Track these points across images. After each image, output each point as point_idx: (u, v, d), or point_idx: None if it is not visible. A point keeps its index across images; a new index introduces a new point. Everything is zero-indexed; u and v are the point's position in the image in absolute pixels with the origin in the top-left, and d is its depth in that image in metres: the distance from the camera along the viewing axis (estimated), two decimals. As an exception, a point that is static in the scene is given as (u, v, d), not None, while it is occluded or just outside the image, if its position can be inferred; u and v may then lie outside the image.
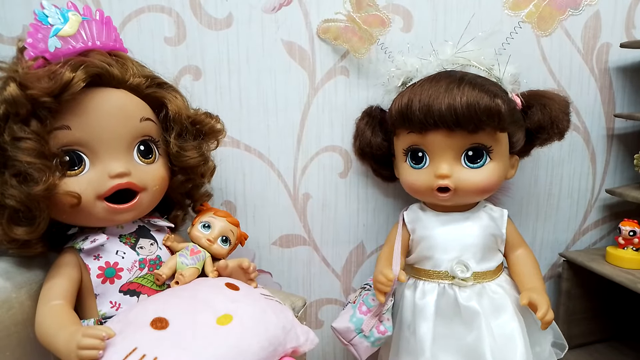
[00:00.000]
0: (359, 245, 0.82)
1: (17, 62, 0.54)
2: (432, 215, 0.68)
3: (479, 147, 0.62)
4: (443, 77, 0.61)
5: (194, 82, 0.74)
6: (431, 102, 0.59)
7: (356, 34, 0.71)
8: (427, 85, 0.61)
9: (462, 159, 0.63)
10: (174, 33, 0.73)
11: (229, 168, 0.77)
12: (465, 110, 0.58)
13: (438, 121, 0.59)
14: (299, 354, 0.57)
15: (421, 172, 0.65)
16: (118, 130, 0.55)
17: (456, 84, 0.59)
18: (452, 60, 0.66)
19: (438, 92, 0.59)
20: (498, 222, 0.68)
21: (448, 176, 0.63)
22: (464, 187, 0.63)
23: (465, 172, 0.63)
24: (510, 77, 0.65)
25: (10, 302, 0.53)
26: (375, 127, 0.71)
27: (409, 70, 0.66)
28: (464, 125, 0.59)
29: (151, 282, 0.58)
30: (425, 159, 0.64)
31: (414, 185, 0.66)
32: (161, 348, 0.47)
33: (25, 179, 0.51)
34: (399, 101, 0.63)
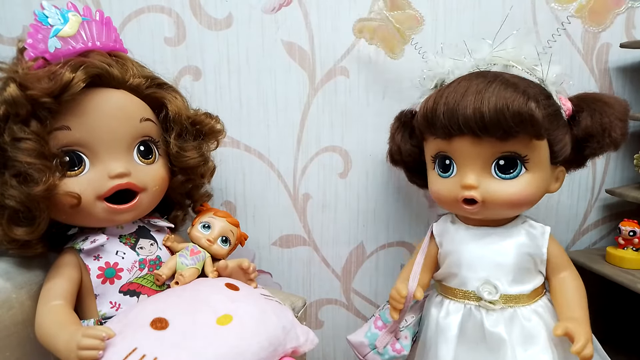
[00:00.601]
0: (359, 246, 0.82)
1: (17, 62, 0.54)
2: (461, 228, 0.62)
3: (512, 156, 0.55)
4: (474, 78, 0.56)
5: (193, 83, 0.74)
6: (456, 105, 0.53)
7: (390, 33, 0.68)
8: (455, 86, 0.55)
9: (492, 169, 0.56)
10: (173, 33, 0.73)
11: (228, 168, 0.77)
12: (492, 114, 0.51)
13: (463, 126, 0.53)
14: (299, 354, 0.57)
15: (448, 181, 0.59)
16: (118, 130, 0.55)
17: (486, 85, 0.53)
18: (489, 60, 0.59)
19: (465, 94, 0.53)
20: (538, 240, 0.60)
21: (474, 187, 0.56)
22: (493, 199, 0.56)
23: (496, 183, 0.56)
24: (555, 78, 0.58)
25: (10, 302, 0.53)
26: (405, 132, 0.66)
27: (441, 72, 0.61)
28: (492, 132, 0.53)
29: (151, 282, 0.58)
30: (453, 167, 0.58)
31: (440, 195, 0.61)
32: (161, 348, 0.47)
33: (25, 180, 0.51)
34: (425, 104, 0.58)
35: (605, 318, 0.84)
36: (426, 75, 0.63)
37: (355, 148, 0.78)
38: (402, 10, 0.67)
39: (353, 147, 0.78)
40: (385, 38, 0.70)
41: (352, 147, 0.78)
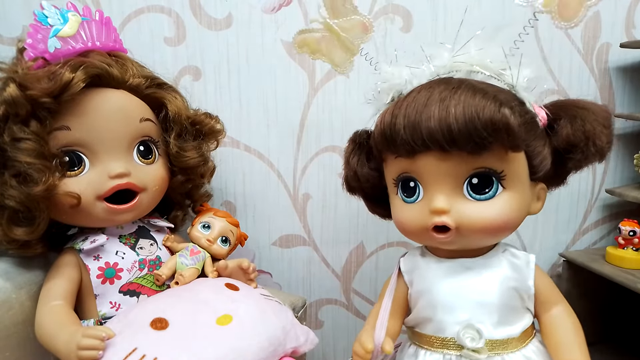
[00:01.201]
0: (359, 246, 0.82)
1: (16, 62, 0.54)
2: (433, 262, 0.53)
3: (486, 173, 0.47)
4: (436, 85, 0.48)
5: (193, 83, 0.74)
6: (418, 117, 0.46)
7: (335, 44, 0.62)
8: (415, 96, 0.48)
9: (464, 189, 0.48)
10: (173, 33, 0.73)
11: (228, 168, 0.77)
12: (461, 124, 0.44)
13: (428, 141, 0.45)
14: (298, 354, 0.57)
15: (414, 207, 0.50)
16: (118, 130, 0.55)
17: (450, 92, 0.46)
18: (450, 66, 0.52)
19: (428, 104, 0.46)
20: (523, 271, 0.51)
21: (445, 211, 0.48)
22: (468, 225, 0.47)
23: (470, 205, 0.48)
24: (527, 83, 0.51)
25: (10, 303, 0.53)
26: (362, 154, 0.56)
27: (397, 83, 0.53)
28: (462, 145, 0.45)
29: (151, 282, 0.58)
30: (419, 190, 0.50)
31: (405, 224, 0.51)
32: (161, 348, 0.47)
33: (25, 180, 0.51)
34: (382, 120, 0.49)
35: (605, 318, 0.84)
36: (380, 88, 0.55)
37: (355, 148, 0.78)
38: (346, 17, 0.60)
39: (353, 147, 0.78)
40: (330, 51, 0.63)
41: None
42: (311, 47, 0.63)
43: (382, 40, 0.73)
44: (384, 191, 0.56)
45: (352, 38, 0.61)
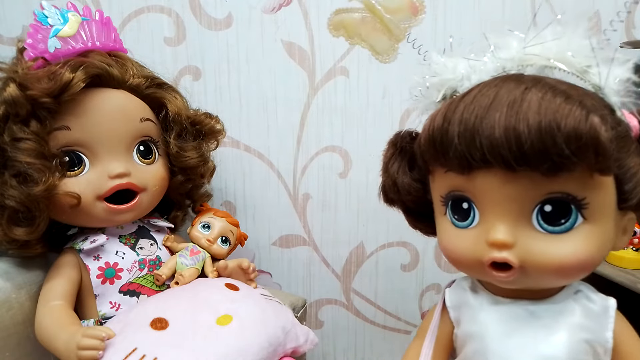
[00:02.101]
0: (359, 246, 0.82)
1: (16, 62, 0.54)
2: (486, 301, 0.43)
3: (563, 199, 0.37)
4: (502, 84, 0.38)
5: (193, 83, 0.74)
6: (479, 123, 0.36)
7: (377, 28, 0.54)
8: (475, 96, 0.37)
9: (534, 218, 0.37)
10: (173, 33, 0.73)
11: (228, 168, 0.77)
12: (535, 136, 0.34)
13: (489, 155, 0.35)
14: (298, 354, 0.57)
15: (466, 233, 0.40)
16: (118, 130, 0.55)
17: (522, 93, 0.35)
18: (520, 59, 0.41)
19: (492, 107, 0.36)
20: (600, 319, 0.42)
21: (508, 245, 0.37)
22: (537, 264, 0.37)
23: (540, 239, 0.37)
24: (618, 85, 0.39)
25: (10, 303, 0.53)
26: (403, 161, 0.47)
27: (450, 78, 0.43)
28: (535, 163, 0.35)
29: (151, 282, 0.58)
30: (474, 214, 0.40)
31: (454, 253, 0.41)
32: (161, 348, 0.47)
33: (25, 180, 0.51)
34: (431, 123, 0.39)
35: (605, 318, 0.84)
36: (430, 83, 0.44)
37: (355, 148, 0.78)
38: None
39: (353, 147, 0.78)
40: (371, 35, 0.55)
41: (352, 147, 0.78)
42: (348, 30, 0.55)
43: (433, 24, 0.62)
44: (429, 205, 0.45)
45: (398, 21, 0.52)
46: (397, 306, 0.84)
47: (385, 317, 0.84)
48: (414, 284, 0.82)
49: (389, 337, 0.85)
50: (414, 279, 0.82)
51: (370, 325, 0.84)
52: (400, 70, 0.63)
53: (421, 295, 0.83)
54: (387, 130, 0.76)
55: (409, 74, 0.54)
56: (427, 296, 0.83)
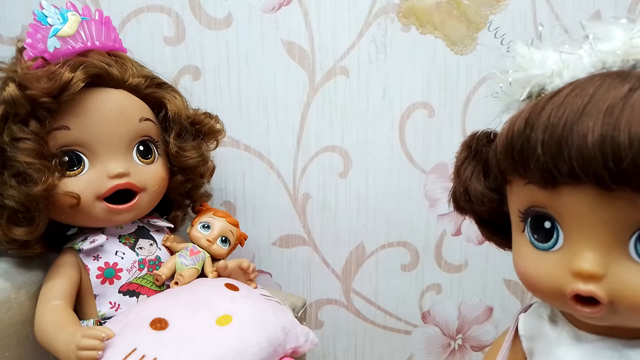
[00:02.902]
0: (359, 246, 0.82)
1: (16, 62, 0.54)
2: (568, 335, 0.37)
3: None
4: (601, 82, 0.31)
5: (193, 82, 0.74)
6: (568, 130, 0.30)
7: (454, 14, 0.49)
8: (567, 97, 0.31)
9: (631, 247, 0.31)
10: (173, 33, 0.73)
11: (228, 168, 0.77)
12: (637, 149, 0.28)
13: (579, 169, 0.30)
14: (298, 354, 0.56)
15: (548, 256, 0.34)
16: (117, 130, 0.55)
17: (625, 96, 0.29)
18: (625, 52, 0.33)
19: (585, 112, 0.30)
20: None
21: (596, 277, 0.31)
22: (630, 302, 0.31)
23: (637, 273, 0.31)
24: None
25: (10, 303, 0.53)
26: (478, 166, 0.41)
27: (537, 74, 0.36)
28: (636, 183, 0.29)
29: (150, 282, 0.58)
30: (557, 235, 0.34)
31: (532, 279, 0.35)
32: (161, 348, 0.47)
33: (24, 180, 0.51)
34: (510, 126, 0.34)
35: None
36: (513, 79, 0.37)
37: (355, 148, 0.78)
38: None
39: (353, 147, 0.78)
40: (446, 23, 0.49)
41: (352, 147, 0.78)
42: (420, 18, 0.49)
43: (521, 10, 0.53)
44: (507, 217, 0.39)
45: (477, 6, 0.46)
46: (397, 306, 0.83)
47: (385, 317, 0.84)
48: (414, 284, 0.82)
49: (389, 338, 0.85)
50: (414, 279, 0.82)
51: (371, 326, 0.84)
52: (478, 63, 0.55)
53: (421, 296, 0.83)
54: (387, 130, 0.76)
55: (483, 68, 0.50)
56: (427, 296, 0.83)
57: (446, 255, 0.81)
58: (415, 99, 0.75)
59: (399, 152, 0.77)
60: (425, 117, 0.76)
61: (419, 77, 0.74)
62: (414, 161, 0.77)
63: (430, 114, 0.75)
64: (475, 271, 0.81)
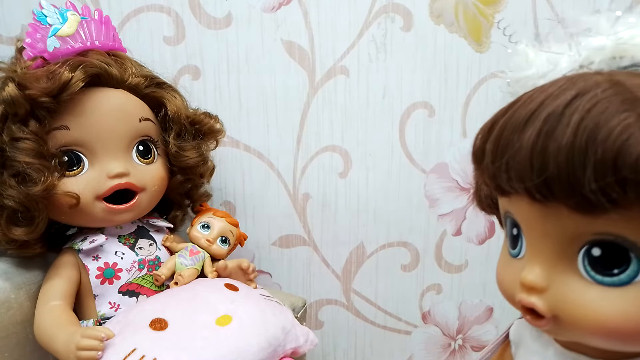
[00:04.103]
0: (359, 246, 0.82)
1: (15, 62, 0.54)
2: (540, 345, 0.36)
3: (617, 243, 0.27)
4: (554, 89, 0.29)
5: (193, 82, 0.74)
6: (510, 139, 0.29)
7: (473, 13, 0.47)
8: (523, 104, 0.30)
9: (579, 261, 0.29)
10: (173, 33, 0.73)
11: (228, 168, 0.77)
12: (564, 161, 0.26)
13: (515, 180, 0.29)
14: (298, 354, 0.56)
15: (515, 263, 0.33)
16: (117, 130, 0.55)
17: (569, 102, 0.27)
18: (613, 49, 0.30)
19: (530, 120, 0.28)
20: None
21: (536, 289, 0.30)
22: (571, 318, 0.29)
23: (582, 289, 0.29)
24: None
25: (9, 303, 0.53)
26: None
27: (529, 75, 0.34)
28: (560, 196, 0.27)
29: (150, 282, 0.57)
30: (522, 243, 0.33)
31: (499, 284, 0.35)
32: (160, 349, 0.47)
33: (24, 180, 0.51)
34: (477, 134, 0.33)
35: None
36: (511, 79, 0.36)
37: (355, 148, 0.78)
38: None
39: (353, 147, 0.78)
40: (469, 22, 0.47)
41: (352, 147, 0.78)
42: (446, 18, 0.46)
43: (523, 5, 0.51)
44: None
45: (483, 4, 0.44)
46: (397, 306, 0.83)
47: (385, 317, 0.84)
48: (414, 284, 0.82)
49: (389, 338, 0.85)
50: (414, 279, 0.82)
51: (371, 326, 0.84)
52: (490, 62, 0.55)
53: (421, 296, 0.83)
54: (387, 129, 0.76)
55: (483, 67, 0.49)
56: (428, 296, 0.83)
57: (446, 255, 0.81)
58: (415, 98, 0.75)
59: (399, 152, 0.77)
60: (426, 117, 0.75)
61: (419, 77, 0.74)
62: (414, 161, 0.77)
63: (431, 114, 0.75)
64: (476, 271, 0.81)
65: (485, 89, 0.74)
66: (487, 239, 0.80)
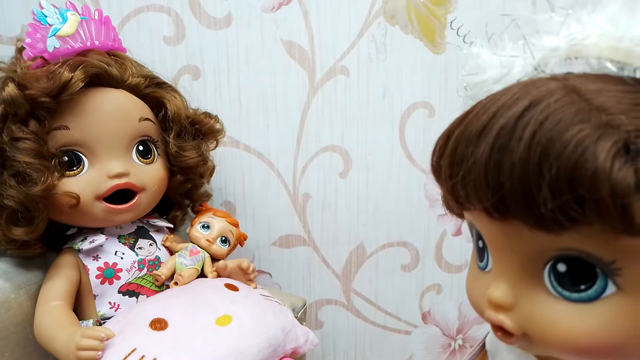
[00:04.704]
0: (359, 246, 0.82)
1: (15, 62, 0.54)
2: (514, 356, 0.35)
3: (582, 259, 0.26)
4: (506, 98, 0.27)
5: (193, 82, 0.74)
6: (464, 151, 0.27)
7: (425, 14, 0.45)
8: (476, 115, 0.28)
9: (545, 277, 0.28)
10: (173, 32, 0.73)
11: (228, 168, 0.77)
12: (518, 178, 0.25)
13: (472, 195, 0.27)
14: (298, 354, 0.56)
15: (483, 276, 0.32)
16: (117, 130, 0.55)
17: (523, 112, 0.25)
18: (567, 51, 0.28)
19: (484, 133, 0.26)
20: None
21: (504, 307, 0.29)
22: (540, 336, 0.28)
23: (550, 306, 0.28)
24: None
25: (9, 303, 0.53)
26: None
27: (483, 79, 0.32)
28: (517, 214, 0.26)
29: (150, 282, 0.57)
30: (487, 256, 0.31)
31: (468, 296, 0.34)
32: (160, 349, 0.47)
33: (24, 180, 0.51)
34: (435, 144, 0.31)
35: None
36: (467, 83, 0.34)
37: (355, 148, 0.78)
38: None
39: (353, 147, 0.78)
40: (422, 23, 0.45)
41: (352, 147, 0.78)
42: (400, 19, 0.44)
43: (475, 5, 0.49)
44: None
45: (432, 4, 0.43)
46: (397, 306, 0.83)
47: (385, 317, 0.84)
48: (415, 284, 0.82)
49: (389, 338, 0.85)
50: (415, 279, 0.82)
51: (371, 326, 0.84)
52: (447, 64, 0.55)
53: (422, 296, 0.83)
54: (387, 130, 0.76)
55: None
56: (428, 296, 0.83)
57: (446, 255, 0.81)
58: (415, 98, 0.75)
59: (399, 151, 0.77)
60: (426, 116, 0.75)
61: (419, 77, 0.74)
62: (414, 161, 0.77)
63: (431, 114, 0.75)
64: (476, 271, 0.81)
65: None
66: (487, 239, 0.80)
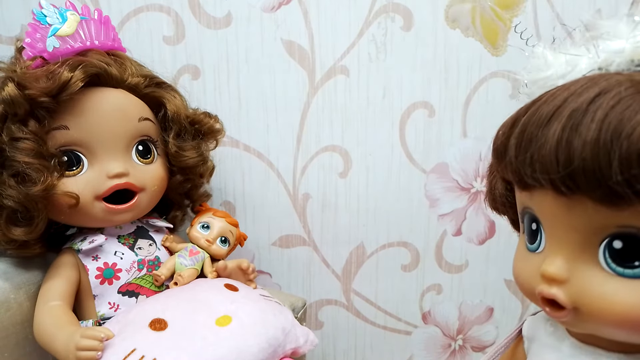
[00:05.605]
0: (359, 246, 0.82)
1: (15, 62, 0.54)
2: (556, 339, 0.37)
3: (637, 236, 0.29)
4: (577, 87, 0.30)
5: (192, 82, 0.74)
6: (535, 134, 0.30)
7: (489, 17, 0.48)
8: (545, 101, 0.31)
9: (600, 253, 0.30)
10: (172, 32, 0.73)
11: (228, 168, 0.77)
12: (590, 155, 0.27)
13: (539, 174, 0.30)
14: (298, 355, 0.56)
15: (534, 258, 0.34)
16: (116, 130, 0.55)
17: (592, 99, 0.28)
18: (632, 51, 0.31)
19: (553, 117, 0.29)
20: None
21: (558, 280, 0.31)
22: (592, 309, 0.30)
23: (604, 281, 0.30)
24: None
25: (9, 303, 0.53)
26: None
27: (546, 76, 0.35)
28: (586, 189, 0.28)
29: (150, 283, 0.57)
30: (541, 237, 0.34)
31: (516, 278, 0.37)
32: (160, 349, 0.46)
33: (23, 180, 0.50)
34: (498, 130, 0.35)
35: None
36: (529, 81, 0.37)
37: (355, 148, 0.78)
38: None
39: (353, 147, 0.78)
40: (485, 26, 0.49)
41: (352, 147, 0.78)
42: (462, 22, 0.47)
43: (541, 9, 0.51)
44: None
45: (501, 8, 0.46)
46: (397, 307, 0.83)
47: (385, 317, 0.84)
48: (415, 284, 0.82)
49: (389, 338, 0.85)
50: (415, 280, 0.82)
51: (371, 326, 0.84)
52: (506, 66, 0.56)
53: (422, 296, 0.83)
54: (388, 129, 0.76)
55: (483, 67, 0.49)
56: (428, 297, 0.83)
57: (447, 256, 0.81)
58: (416, 98, 0.75)
59: (399, 151, 0.77)
60: (426, 116, 0.75)
61: (419, 77, 0.74)
62: (414, 161, 0.77)
63: (431, 114, 0.75)
64: (476, 271, 0.81)
65: (485, 89, 0.74)
66: (487, 239, 0.80)
